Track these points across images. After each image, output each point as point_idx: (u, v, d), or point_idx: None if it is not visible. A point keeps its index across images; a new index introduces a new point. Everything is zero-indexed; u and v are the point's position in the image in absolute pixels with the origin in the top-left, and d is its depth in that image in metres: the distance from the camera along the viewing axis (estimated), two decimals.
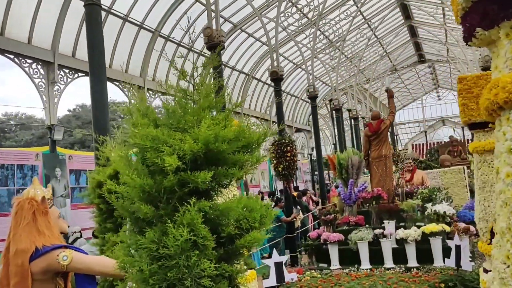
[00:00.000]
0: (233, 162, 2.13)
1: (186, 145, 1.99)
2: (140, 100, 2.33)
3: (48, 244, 3.08)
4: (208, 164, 2.10)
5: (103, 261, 3.21)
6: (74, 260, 3.05)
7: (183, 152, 2.02)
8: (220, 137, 2.03)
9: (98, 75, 5.55)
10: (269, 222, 2.21)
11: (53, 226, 3.25)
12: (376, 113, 9.58)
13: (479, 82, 5.26)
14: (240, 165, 2.13)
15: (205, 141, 2.01)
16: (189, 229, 1.97)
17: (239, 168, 2.11)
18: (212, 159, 2.10)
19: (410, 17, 22.11)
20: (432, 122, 50.52)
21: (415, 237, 7.68)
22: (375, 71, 24.59)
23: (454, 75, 35.88)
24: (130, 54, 13.02)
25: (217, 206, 2.07)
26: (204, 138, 2.01)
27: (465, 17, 1.58)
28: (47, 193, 3.38)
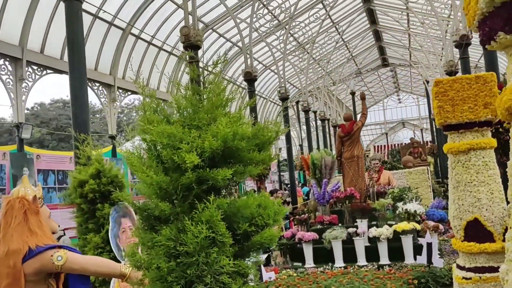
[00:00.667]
0: (249, 160, 2.14)
1: (206, 142, 1.99)
2: (150, 96, 2.31)
3: (41, 244, 2.99)
4: (224, 162, 2.11)
5: (98, 261, 3.14)
6: (69, 260, 2.97)
7: (201, 149, 2.02)
8: (239, 135, 2.04)
9: (78, 72, 5.40)
10: (281, 219, 2.24)
11: (44, 225, 3.16)
12: (349, 115, 9.79)
13: (454, 86, 5.48)
14: (256, 163, 2.15)
15: (224, 138, 2.02)
16: (208, 226, 1.97)
17: (255, 166, 2.13)
18: (228, 157, 2.11)
19: (375, 22, 22.66)
20: (393, 124, 51.93)
21: (388, 236, 7.90)
22: (342, 73, 25.05)
23: (414, 79, 37.05)
24: (100, 52, 12.72)
25: (234, 203, 2.08)
26: (223, 135, 2.01)
27: (485, 21, 1.66)
28: (37, 192, 3.29)
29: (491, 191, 5.39)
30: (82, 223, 4.92)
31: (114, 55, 13.49)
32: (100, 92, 13.33)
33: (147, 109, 2.19)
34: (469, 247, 5.37)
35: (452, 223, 5.71)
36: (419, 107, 48.84)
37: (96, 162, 4.90)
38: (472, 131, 5.47)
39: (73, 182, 4.91)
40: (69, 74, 5.37)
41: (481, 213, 5.35)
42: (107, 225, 4.70)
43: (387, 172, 12.40)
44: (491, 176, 5.41)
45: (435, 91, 5.57)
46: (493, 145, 5.49)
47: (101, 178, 4.80)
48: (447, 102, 5.49)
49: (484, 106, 5.40)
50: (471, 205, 5.41)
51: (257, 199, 2.15)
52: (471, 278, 5.34)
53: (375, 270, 7.42)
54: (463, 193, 5.48)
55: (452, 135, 5.60)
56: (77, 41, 5.44)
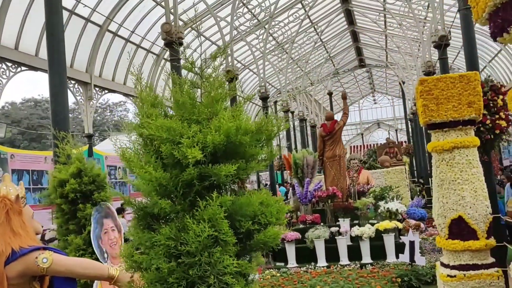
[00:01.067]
0: (251, 155, 2.07)
1: (209, 137, 1.90)
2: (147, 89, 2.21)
3: (25, 246, 2.84)
4: (226, 157, 2.03)
5: (85, 263, 3.00)
6: (55, 262, 2.83)
7: (203, 144, 1.93)
8: (242, 129, 1.97)
9: (58, 67, 5.20)
10: (284, 217, 2.18)
11: (28, 226, 3.01)
12: (331, 114, 9.81)
13: (439, 84, 5.53)
14: (258, 159, 2.08)
15: (226, 132, 1.94)
16: (210, 224, 1.89)
17: (258, 161, 2.05)
18: (231, 152, 2.03)
19: (353, 23, 22.87)
20: (368, 125, 52.60)
21: (370, 234, 7.94)
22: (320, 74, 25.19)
23: (389, 80, 37.59)
24: (76, 49, 12.40)
25: (236, 200, 2.00)
26: (226, 129, 1.93)
27: (497, 13, 1.63)
28: (20, 191, 3.13)
29: (474, 189, 5.46)
30: (63, 224, 4.73)
31: (91, 52, 13.19)
32: (76, 90, 13.01)
33: (144, 102, 2.08)
34: (453, 245, 5.42)
35: (436, 221, 5.76)
36: (394, 107, 49.60)
37: (77, 161, 4.72)
38: (456, 130, 5.53)
39: (53, 182, 4.72)
40: (49, 69, 5.17)
41: (465, 211, 5.41)
42: (89, 226, 4.54)
43: (366, 171, 12.50)
44: (474, 174, 5.48)
45: (420, 90, 5.61)
46: (476, 143, 5.56)
47: (82, 177, 4.62)
48: (432, 101, 5.53)
49: (468, 105, 5.47)
50: (455, 203, 5.46)
51: (260, 196, 2.08)
52: (455, 276, 5.39)
53: (358, 269, 7.44)
54: (447, 191, 5.53)
55: (437, 134, 5.65)
56: (57, 35, 5.24)
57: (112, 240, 4.57)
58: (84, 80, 13.16)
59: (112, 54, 14.21)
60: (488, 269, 5.33)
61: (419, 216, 8.92)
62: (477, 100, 5.46)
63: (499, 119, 6.27)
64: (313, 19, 20.88)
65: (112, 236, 4.59)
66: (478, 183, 5.47)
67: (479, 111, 5.47)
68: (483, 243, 5.34)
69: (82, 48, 12.78)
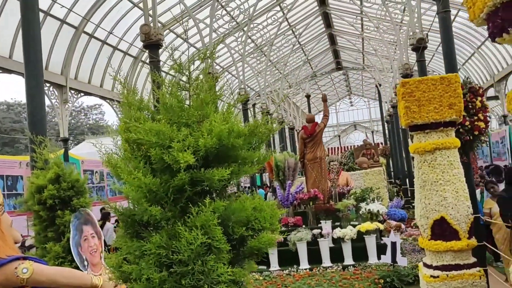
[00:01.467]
0: (244, 158, 2.00)
1: (201, 140, 1.83)
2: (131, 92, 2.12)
3: (4, 256, 2.70)
4: (218, 161, 1.96)
5: (67, 272, 2.88)
6: (35, 272, 2.69)
7: (194, 148, 1.86)
8: (235, 132, 1.90)
9: (34, 69, 5.02)
10: (277, 222, 2.12)
11: (6, 235, 2.87)
12: (311, 116, 9.82)
13: (420, 86, 5.57)
14: (251, 162, 2.01)
15: (218, 136, 1.87)
16: (203, 231, 1.82)
17: (251, 165, 1.99)
18: (223, 156, 1.96)
19: (330, 26, 23.03)
20: (345, 127, 53.12)
21: (352, 236, 7.95)
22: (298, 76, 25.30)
23: (365, 83, 38.03)
24: (51, 51, 12.10)
25: (229, 206, 1.93)
26: (218, 132, 1.86)
27: (497, 13, 1.62)
28: None
29: (456, 190, 5.52)
30: (41, 232, 4.56)
31: (66, 54, 12.90)
32: (51, 93, 12.68)
33: (131, 106, 2.00)
34: (436, 245, 5.47)
35: (418, 222, 5.80)
36: (370, 110, 50.23)
37: (55, 166, 4.57)
38: (438, 131, 5.58)
39: (30, 188, 4.55)
40: (25, 70, 4.99)
41: (447, 211, 5.46)
42: (68, 233, 4.40)
43: (345, 173, 12.57)
44: (456, 175, 5.54)
45: (402, 92, 5.64)
46: (457, 144, 5.63)
47: (60, 183, 4.46)
48: (414, 103, 5.57)
49: (449, 106, 5.53)
50: (437, 204, 5.51)
51: (253, 201, 2.02)
52: (438, 276, 5.43)
53: (340, 271, 7.44)
54: (430, 192, 5.57)
55: (418, 135, 5.69)
56: (33, 36, 5.07)
57: (92, 247, 4.44)
58: (59, 82, 12.85)
59: (88, 56, 13.93)
60: (470, 269, 5.39)
61: (399, 217, 8.99)
62: (458, 101, 5.53)
63: (477, 120, 6.35)
64: (291, 22, 20.96)
65: (92, 243, 4.46)
66: (459, 184, 5.53)
67: (460, 113, 5.54)
68: (465, 243, 5.40)
69: (57, 50, 12.47)
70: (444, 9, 7.01)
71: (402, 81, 5.70)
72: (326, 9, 20.91)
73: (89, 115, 50.53)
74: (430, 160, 5.60)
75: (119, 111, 8.79)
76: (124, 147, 2.03)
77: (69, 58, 12.97)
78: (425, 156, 5.63)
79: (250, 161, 2.01)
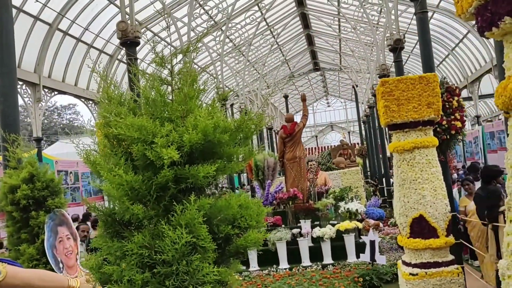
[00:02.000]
0: (229, 155, 1.94)
1: (186, 136, 1.76)
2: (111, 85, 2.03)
3: None
4: (203, 157, 1.89)
5: (43, 275, 2.76)
6: (9, 275, 2.58)
7: (178, 143, 1.79)
8: (220, 127, 1.84)
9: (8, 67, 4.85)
10: (263, 220, 2.06)
11: None
12: (290, 116, 9.82)
13: (399, 86, 5.60)
14: (236, 159, 1.96)
15: (204, 131, 1.80)
16: (187, 230, 1.75)
17: (237, 161, 1.93)
18: (208, 152, 1.89)
19: (308, 27, 23.15)
20: (322, 127, 53.54)
21: (331, 235, 7.96)
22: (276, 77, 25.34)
23: (342, 84, 38.40)
24: (24, 48, 11.76)
25: (215, 204, 1.87)
26: (203, 127, 1.80)
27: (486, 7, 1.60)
28: None
29: (434, 188, 5.57)
30: (14, 233, 4.40)
31: (40, 51, 12.55)
32: (24, 91, 12.31)
33: (111, 100, 1.91)
34: (415, 243, 5.51)
35: (398, 220, 5.84)
36: (347, 110, 50.75)
37: (29, 165, 4.41)
38: (416, 130, 5.62)
39: (3, 188, 4.39)
40: None
41: (425, 209, 5.51)
42: (43, 234, 4.26)
43: (323, 173, 12.61)
44: (434, 174, 5.60)
45: (381, 91, 5.66)
46: (435, 143, 5.69)
47: (35, 182, 4.32)
48: (393, 102, 5.60)
49: (427, 105, 5.58)
50: (416, 202, 5.55)
51: (238, 199, 1.96)
52: (417, 274, 5.47)
53: (320, 270, 7.44)
54: (408, 191, 5.61)
55: (397, 134, 5.72)
56: (6, 33, 4.89)
57: (68, 249, 4.31)
58: (32, 81, 12.49)
59: (62, 54, 13.59)
60: (448, 267, 5.45)
61: (377, 216, 9.06)
62: (436, 101, 5.58)
63: (454, 120, 6.44)
64: (269, 22, 20.97)
65: (67, 244, 4.33)
66: (437, 182, 5.59)
67: (438, 112, 5.59)
68: (443, 241, 5.46)
69: (30, 48, 12.12)
70: (421, 10, 7.09)
71: (381, 80, 5.73)
72: (304, 9, 21.00)
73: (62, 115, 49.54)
74: (409, 158, 5.64)
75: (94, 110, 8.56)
76: (104, 143, 1.94)
77: (42, 56, 12.61)
78: (404, 155, 5.67)
79: (236, 158, 1.95)
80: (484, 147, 15.37)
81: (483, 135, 15.43)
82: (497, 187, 6.12)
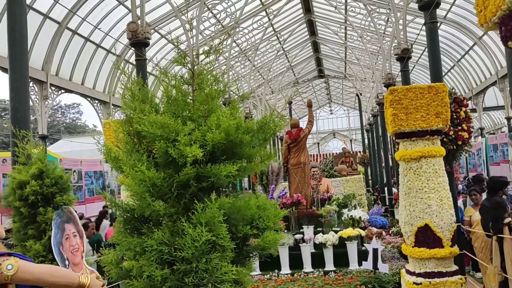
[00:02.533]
0: (249, 156, 1.96)
1: (209, 135, 1.78)
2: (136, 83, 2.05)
3: None
4: (224, 157, 1.91)
5: (53, 270, 2.77)
6: (21, 269, 2.58)
7: (201, 142, 1.81)
8: (243, 128, 1.86)
9: (19, 61, 4.88)
10: (279, 221, 2.08)
11: None
12: (296, 122, 9.83)
13: (408, 94, 5.62)
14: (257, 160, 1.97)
15: (226, 131, 1.82)
16: (208, 228, 1.76)
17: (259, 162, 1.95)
18: (229, 152, 1.91)
19: (315, 34, 23.24)
20: (324, 135, 53.55)
21: (334, 242, 7.95)
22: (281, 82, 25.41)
23: (345, 92, 38.46)
24: (33, 46, 11.82)
25: (234, 203, 1.88)
26: (226, 127, 1.81)
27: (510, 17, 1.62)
28: None
29: (440, 198, 5.58)
30: (21, 229, 4.41)
31: (48, 49, 12.62)
32: (31, 89, 12.36)
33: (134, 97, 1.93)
34: (420, 252, 5.51)
35: (403, 229, 5.84)
36: (349, 118, 50.76)
37: (39, 162, 4.43)
38: (424, 139, 5.64)
39: (11, 183, 4.40)
40: (9, 65, 4.85)
41: (431, 219, 5.51)
42: (50, 231, 4.26)
43: (326, 179, 12.61)
44: (440, 184, 5.61)
45: (390, 99, 5.68)
46: (442, 153, 5.69)
47: (44, 179, 4.33)
48: (401, 110, 5.62)
49: (435, 115, 5.59)
50: (421, 211, 5.55)
51: (256, 200, 1.97)
52: (421, 283, 5.47)
53: (322, 277, 7.42)
54: (414, 200, 5.62)
55: (405, 143, 5.73)
56: (20, 29, 4.93)
57: (74, 246, 4.32)
58: (40, 78, 12.56)
59: (71, 52, 13.66)
60: (452, 277, 5.45)
61: (380, 224, 9.05)
62: (445, 111, 5.60)
63: (461, 130, 6.46)
64: (276, 28, 21.04)
65: (74, 242, 4.34)
66: (443, 192, 5.59)
67: (447, 122, 5.61)
68: (448, 251, 5.46)
69: (39, 45, 12.19)
70: (431, 20, 7.12)
71: (391, 89, 5.75)
72: (311, 16, 21.07)
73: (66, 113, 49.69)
74: (415, 167, 5.65)
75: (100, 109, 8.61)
76: (126, 140, 1.96)
77: (50, 54, 12.69)
78: (410, 164, 5.68)
79: (255, 159, 1.96)
80: (487, 159, 15.36)
81: (486, 147, 15.42)
82: (503, 198, 6.12)
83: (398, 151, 5.88)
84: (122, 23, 13.87)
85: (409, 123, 5.60)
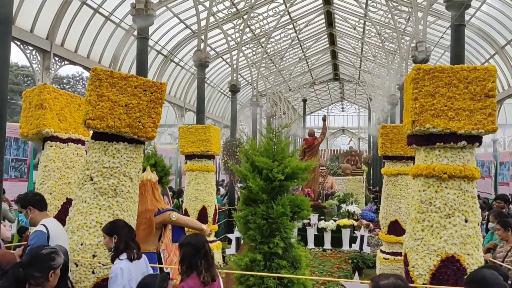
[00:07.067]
0: (299, 178, 4.88)
1: (286, 170, 4.70)
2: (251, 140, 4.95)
3: (162, 208, 5.54)
4: (291, 178, 4.83)
5: (190, 220, 5.79)
6: (179, 218, 5.58)
7: (282, 171, 4.73)
8: (298, 166, 4.77)
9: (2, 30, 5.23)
10: (308, 206, 4.98)
11: (160, 197, 5.71)
12: (312, 132, 12.84)
13: (393, 130, 8.60)
14: (302, 179, 4.89)
15: (292, 167, 4.73)
16: (281, 206, 4.68)
17: (302, 180, 4.86)
18: (292, 177, 4.83)
19: (332, 25, 24.06)
20: (334, 130, 55.97)
21: (332, 228, 10.94)
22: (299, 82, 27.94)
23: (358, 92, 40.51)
24: (39, 13, 12.35)
25: (291, 197, 4.79)
26: (292, 166, 4.73)
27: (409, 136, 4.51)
28: (154, 177, 5.82)
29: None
30: None
31: (54, 18, 13.08)
32: (33, 57, 12.65)
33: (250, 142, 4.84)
34: (390, 238, 8.54)
35: (381, 221, 8.89)
36: (360, 117, 52.76)
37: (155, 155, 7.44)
38: (401, 162, 8.62)
39: None
40: None
41: (399, 216, 8.50)
42: None
43: (331, 177, 15.57)
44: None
45: (381, 132, 8.68)
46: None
47: (157, 167, 7.29)
48: (388, 141, 8.62)
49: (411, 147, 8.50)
50: (394, 211, 8.57)
51: (298, 196, 4.89)
52: (388, 259, 8.46)
53: (321, 252, 10.43)
54: (390, 202, 8.65)
55: (388, 163, 8.75)
56: None
57: None
58: (44, 47, 12.95)
59: (78, 23, 13.98)
60: None
61: (369, 218, 12.04)
62: None
63: None
64: (293, 16, 21.95)
65: None
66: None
67: None
68: None
69: (45, 13, 12.50)
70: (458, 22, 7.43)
71: (382, 125, 8.73)
72: (330, 8, 21.87)
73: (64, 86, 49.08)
74: (393, 180, 8.64)
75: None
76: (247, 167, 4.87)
77: (57, 23, 13.02)
78: (390, 178, 8.66)
79: (301, 179, 4.87)
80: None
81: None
82: None
83: (384, 168, 8.82)
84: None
85: (392, 150, 8.58)
